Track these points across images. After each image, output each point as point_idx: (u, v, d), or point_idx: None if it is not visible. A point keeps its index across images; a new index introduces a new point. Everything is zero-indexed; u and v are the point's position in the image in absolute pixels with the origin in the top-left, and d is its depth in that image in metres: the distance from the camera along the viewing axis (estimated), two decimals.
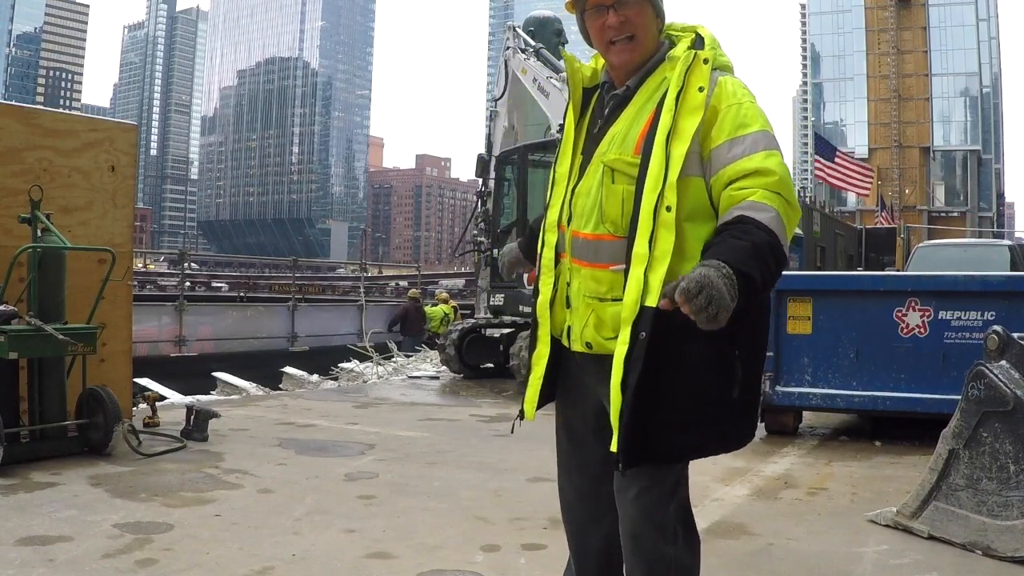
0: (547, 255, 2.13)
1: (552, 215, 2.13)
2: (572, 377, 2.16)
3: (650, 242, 1.89)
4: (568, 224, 2.08)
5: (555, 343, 2.17)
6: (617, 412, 1.91)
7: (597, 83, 2.18)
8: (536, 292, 2.16)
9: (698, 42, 2.06)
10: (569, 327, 2.09)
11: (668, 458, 1.99)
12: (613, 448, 1.93)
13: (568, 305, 2.09)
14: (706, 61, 1.99)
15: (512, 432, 2.37)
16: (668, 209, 1.89)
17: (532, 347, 2.19)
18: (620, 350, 1.91)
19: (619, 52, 2.03)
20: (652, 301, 1.87)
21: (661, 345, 1.88)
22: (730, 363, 1.94)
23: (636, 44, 2.03)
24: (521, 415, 2.22)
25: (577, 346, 2.08)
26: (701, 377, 1.92)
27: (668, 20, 2.12)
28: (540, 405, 2.21)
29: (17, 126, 5.67)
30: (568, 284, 2.09)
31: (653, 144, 1.93)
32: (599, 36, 2.05)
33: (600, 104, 2.14)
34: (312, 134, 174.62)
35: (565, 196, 2.11)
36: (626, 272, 1.94)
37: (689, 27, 2.13)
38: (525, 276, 2.37)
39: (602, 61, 2.16)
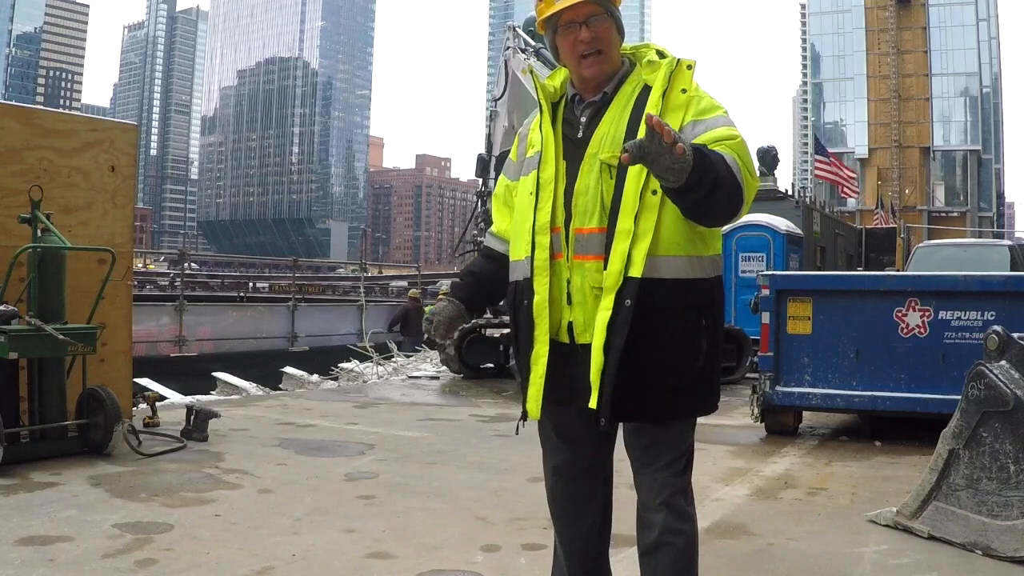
0: (541, 256, 2.20)
1: (544, 217, 2.21)
2: (566, 375, 2.21)
3: (635, 220, 2.08)
4: (567, 224, 2.19)
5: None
6: (598, 371, 2.09)
7: (559, 97, 2.34)
8: (531, 293, 2.22)
9: (659, 55, 2.25)
10: (571, 323, 2.19)
11: (652, 416, 2.17)
12: (592, 404, 2.09)
13: (569, 302, 2.19)
14: (689, 67, 2.19)
15: (516, 433, 2.42)
16: (654, 193, 2.07)
17: (528, 347, 2.24)
18: (603, 316, 2.09)
19: (590, 65, 2.21)
20: (636, 272, 2.07)
21: (642, 316, 2.07)
22: (698, 336, 2.16)
23: (604, 57, 2.21)
24: (524, 416, 2.28)
25: (586, 338, 2.16)
26: (674, 346, 2.13)
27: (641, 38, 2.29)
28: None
29: (17, 126, 5.67)
30: (568, 281, 2.18)
31: (637, 134, 2.06)
32: (571, 51, 2.22)
33: (571, 113, 2.29)
34: (312, 134, 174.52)
35: (555, 199, 2.21)
36: (607, 246, 2.11)
37: (641, 45, 2.33)
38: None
39: (559, 79, 2.35)
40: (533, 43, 10.85)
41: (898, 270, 15.82)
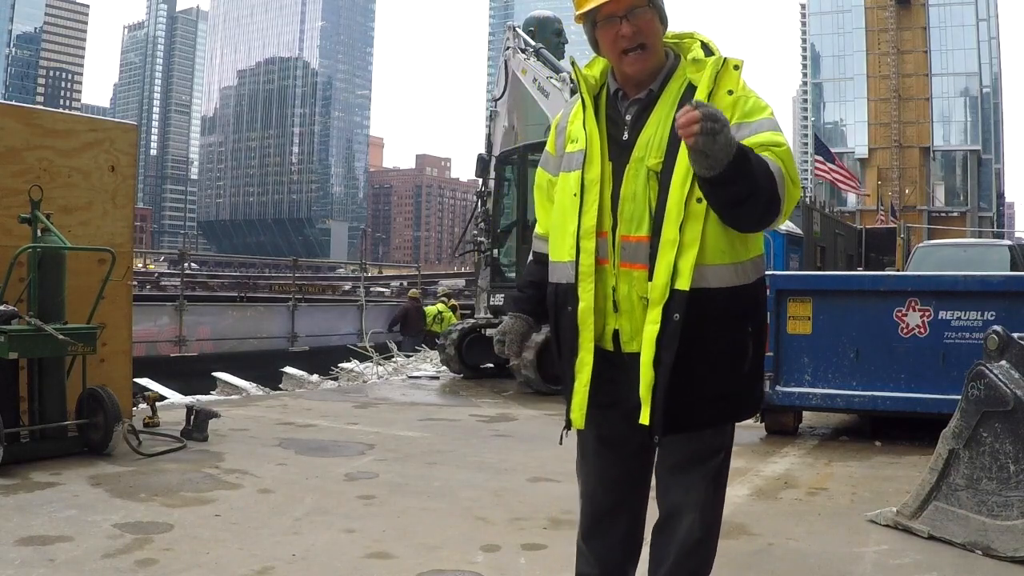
0: (587, 261, 2.13)
1: (589, 221, 2.12)
2: (610, 379, 2.16)
3: (680, 229, 2.01)
4: (613, 229, 2.11)
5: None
6: (649, 387, 2.05)
7: (599, 87, 2.24)
8: (576, 299, 2.14)
9: (705, 49, 2.14)
10: (617, 330, 2.13)
11: (704, 425, 2.16)
12: (644, 420, 2.06)
13: (616, 309, 2.12)
14: (736, 67, 2.09)
15: (560, 443, 2.32)
16: (699, 201, 2.00)
17: (572, 354, 2.17)
18: (651, 329, 2.04)
19: (632, 61, 2.10)
20: (682, 284, 2.01)
21: (690, 328, 2.02)
22: (744, 342, 2.14)
23: (648, 52, 2.10)
24: (568, 424, 2.23)
25: (632, 347, 2.11)
26: (722, 355, 2.10)
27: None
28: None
29: (17, 126, 5.67)
30: (614, 289, 2.12)
31: (681, 141, 2.01)
32: (612, 46, 2.11)
33: (614, 110, 2.19)
34: (312, 134, 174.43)
35: (602, 201, 2.12)
36: (652, 256, 2.04)
37: (684, 34, 2.21)
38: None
39: (598, 68, 2.23)
40: (533, 43, 10.85)
41: (898, 270, 15.82)
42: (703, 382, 2.07)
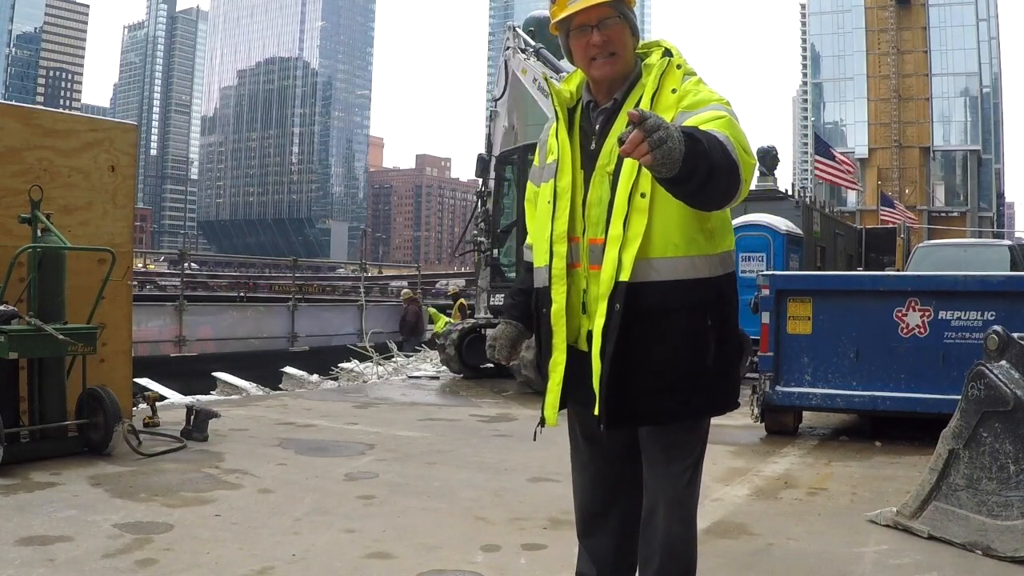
0: (559, 265, 2.21)
1: (561, 227, 2.22)
2: (586, 378, 2.19)
3: (624, 224, 2.07)
4: (583, 234, 2.19)
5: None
6: (598, 378, 2.10)
7: (575, 101, 2.32)
8: (549, 302, 2.23)
9: (667, 53, 2.24)
10: (590, 331, 2.18)
11: (651, 419, 2.17)
12: (596, 412, 2.11)
13: (584, 311, 2.20)
14: (679, 67, 2.18)
15: (535, 439, 2.40)
16: (643, 196, 2.06)
17: (547, 355, 2.25)
18: (598, 323, 2.10)
19: (601, 67, 2.19)
20: (625, 276, 2.06)
21: (637, 319, 2.07)
22: (704, 334, 2.14)
23: (617, 59, 2.19)
24: (542, 422, 2.29)
25: None
26: (676, 347, 2.12)
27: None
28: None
29: (17, 126, 5.67)
30: (584, 291, 2.19)
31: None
32: (583, 53, 2.20)
33: (587, 121, 2.28)
34: (312, 134, 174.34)
35: (573, 208, 2.21)
36: (601, 252, 2.11)
37: (652, 43, 2.31)
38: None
39: (575, 82, 2.33)
40: (533, 43, 10.85)
41: (898, 270, 15.82)
42: (650, 373, 2.10)
